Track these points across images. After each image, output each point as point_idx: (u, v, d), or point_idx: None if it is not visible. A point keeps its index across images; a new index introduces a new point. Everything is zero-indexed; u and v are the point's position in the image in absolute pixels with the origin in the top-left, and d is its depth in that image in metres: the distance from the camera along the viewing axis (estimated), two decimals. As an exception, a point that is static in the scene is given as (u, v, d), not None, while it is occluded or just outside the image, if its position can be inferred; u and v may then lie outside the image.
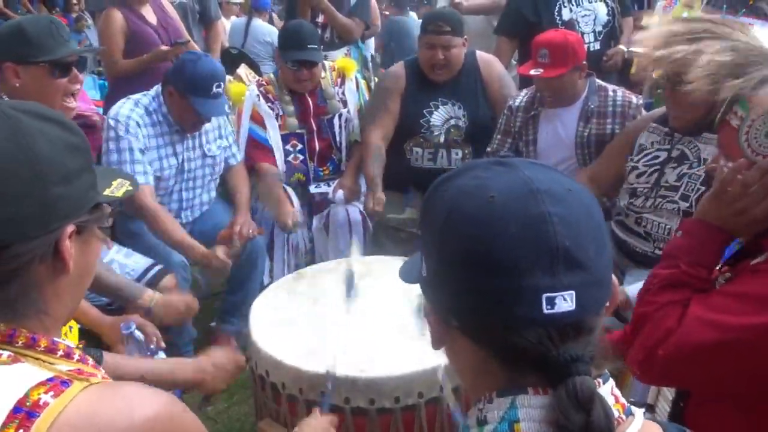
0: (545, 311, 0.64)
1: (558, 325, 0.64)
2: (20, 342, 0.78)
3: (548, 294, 0.64)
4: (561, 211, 0.66)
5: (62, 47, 1.88)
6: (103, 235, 2.57)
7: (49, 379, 0.73)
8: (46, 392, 0.72)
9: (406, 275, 0.81)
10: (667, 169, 2.14)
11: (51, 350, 0.79)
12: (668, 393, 1.35)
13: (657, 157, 2.19)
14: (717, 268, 1.20)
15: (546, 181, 0.68)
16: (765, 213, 1.12)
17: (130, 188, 0.93)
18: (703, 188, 2.01)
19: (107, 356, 1.45)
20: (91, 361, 0.83)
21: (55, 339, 0.80)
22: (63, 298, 0.84)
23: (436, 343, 0.75)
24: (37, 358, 0.77)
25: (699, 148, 2.09)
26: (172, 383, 1.55)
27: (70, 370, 0.77)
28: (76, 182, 0.82)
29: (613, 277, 0.71)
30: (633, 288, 1.72)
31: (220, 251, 2.45)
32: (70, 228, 0.81)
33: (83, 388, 0.74)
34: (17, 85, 1.86)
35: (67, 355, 0.80)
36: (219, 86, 2.46)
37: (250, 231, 2.62)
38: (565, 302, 0.64)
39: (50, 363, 0.77)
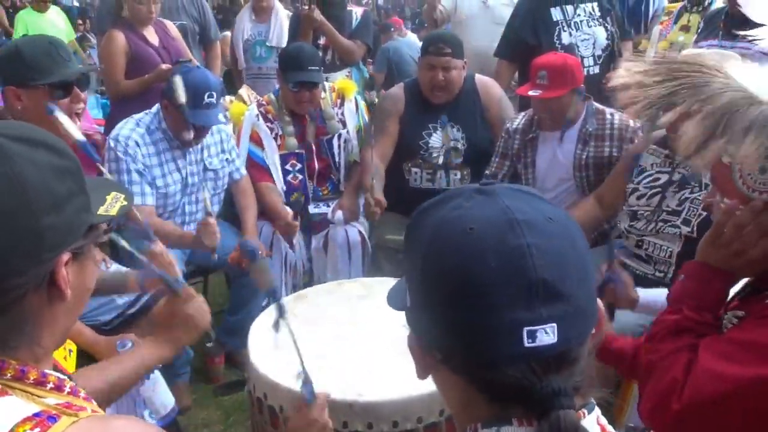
0: (526, 345, 0.63)
1: (540, 358, 0.64)
2: (8, 374, 0.75)
3: (529, 327, 0.63)
4: (540, 242, 0.65)
5: (61, 68, 1.86)
6: (102, 254, 2.54)
7: (36, 414, 0.70)
8: (32, 429, 0.68)
9: (394, 301, 0.81)
10: (669, 193, 2.14)
11: (40, 383, 0.76)
12: None
13: (657, 179, 2.19)
14: (727, 300, 1.19)
15: (526, 211, 0.67)
16: (762, 253, 1.10)
17: (125, 203, 0.90)
18: (705, 213, 2.01)
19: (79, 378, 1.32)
20: (82, 393, 0.80)
21: (46, 371, 0.77)
22: (58, 324, 0.81)
23: (421, 373, 0.75)
24: (25, 391, 0.74)
25: (701, 173, 2.08)
26: (146, 371, 1.38)
27: (59, 404, 0.74)
28: (68, 208, 0.77)
29: (599, 303, 0.72)
30: (645, 293, 1.71)
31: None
32: (66, 256, 0.77)
33: (71, 423, 0.71)
34: (20, 108, 1.86)
35: (58, 388, 0.77)
36: (211, 96, 2.47)
37: (259, 253, 2.61)
38: (547, 335, 0.63)
39: (39, 396, 0.74)
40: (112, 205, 0.88)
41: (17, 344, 0.77)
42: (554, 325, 0.64)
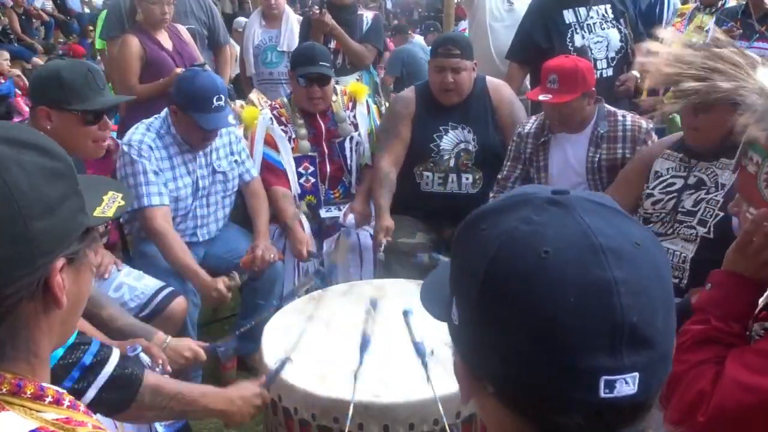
0: (602, 395, 0.56)
1: (615, 409, 0.57)
2: (4, 389, 0.71)
3: (608, 377, 0.56)
4: (628, 276, 0.56)
5: (97, 96, 1.93)
6: (113, 257, 2.56)
7: (33, 431, 0.68)
8: None
9: (432, 309, 0.72)
10: (684, 196, 2.12)
11: (38, 397, 0.72)
12: None
13: (673, 184, 2.17)
14: (756, 312, 1.17)
15: (610, 234, 0.58)
16: None
17: (123, 203, 0.87)
18: (721, 214, 1.99)
19: (148, 374, 1.45)
20: (82, 407, 0.77)
21: (43, 384, 0.74)
22: (55, 332, 0.78)
23: (465, 398, 0.67)
24: (23, 406, 0.71)
25: (717, 174, 2.07)
26: (202, 410, 1.56)
27: (57, 419, 0.71)
28: (61, 211, 0.74)
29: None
30: None
31: (221, 284, 2.44)
32: (60, 261, 0.74)
33: None
34: (48, 127, 1.90)
35: (57, 402, 0.74)
36: (219, 99, 2.48)
37: (271, 256, 2.62)
38: (627, 386, 0.56)
39: (37, 411, 0.71)
40: (108, 205, 0.85)
41: (12, 355, 0.73)
42: (636, 374, 0.56)
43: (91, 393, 1.35)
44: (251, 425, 2.56)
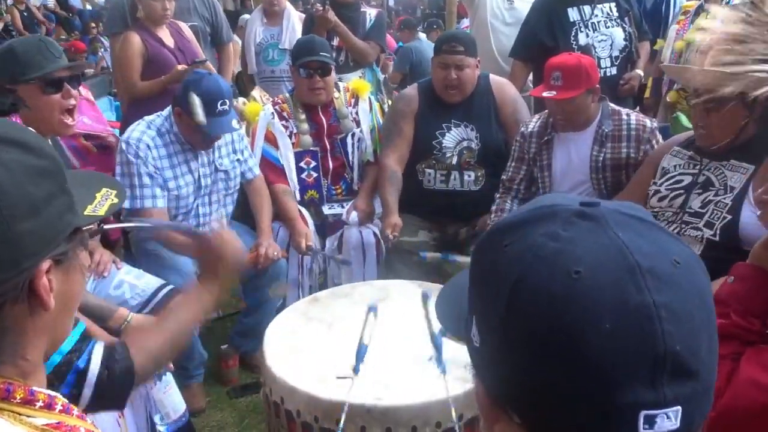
0: (642, 431, 0.51)
1: None
2: None
3: (648, 412, 0.51)
4: (670, 300, 0.51)
5: (51, 63, 1.93)
6: (112, 255, 2.53)
7: None
8: None
9: (448, 323, 0.67)
10: (693, 195, 2.09)
11: (28, 401, 0.70)
12: None
13: (680, 181, 2.15)
14: None
15: (648, 252, 0.53)
16: None
17: (116, 201, 0.83)
18: (729, 217, 1.97)
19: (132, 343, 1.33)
20: (76, 411, 0.74)
21: (34, 389, 0.71)
22: (46, 334, 0.75)
23: (487, 427, 0.61)
24: (12, 412, 0.68)
25: (726, 176, 2.04)
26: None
27: (47, 424, 0.68)
28: (47, 211, 0.71)
29: None
30: None
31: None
32: (47, 263, 0.71)
33: None
34: None
35: (48, 406, 0.71)
36: (224, 104, 2.47)
37: (275, 254, 2.62)
38: (669, 420, 0.51)
39: (27, 416, 0.69)
40: (101, 203, 0.81)
41: (3, 358, 0.71)
42: (679, 408, 0.51)
43: (87, 393, 1.28)
44: (255, 423, 2.56)
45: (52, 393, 0.73)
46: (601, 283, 0.51)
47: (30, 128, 0.79)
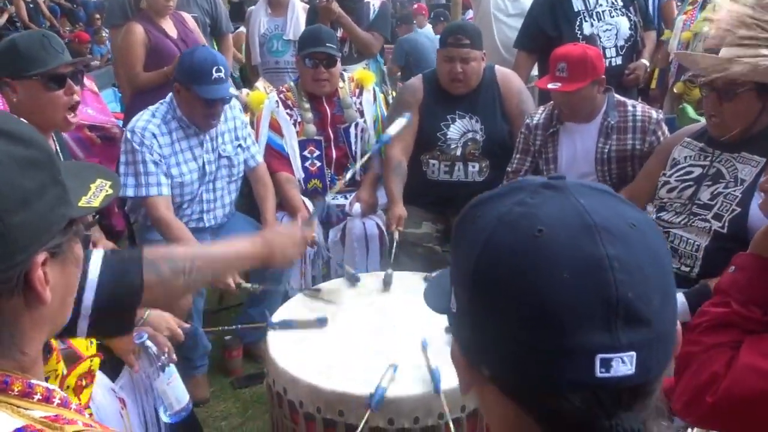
0: (598, 374, 0.54)
1: (612, 390, 0.55)
2: None
3: (603, 355, 0.54)
4: (622, 253, 0.56)
5: (54, 59, 1.91)
6: (112, 245, 2.52)
7: (18, 430, 0.64)
8: None
9: (432, 301, 0.73)
10: (702, 187, 2.08)
11: (26, 394, 0.69)
12: None
13: (690, 172, 2.13)
14: None
15: (605, 214, 0.58)
16: None
17: (110, 191, 0.81)
18: (738, 209, 1.95)
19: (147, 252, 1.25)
20: (74, 405, 0.73)
21: (32, 381, 0.71)
22: (43, 327, 0.75)
23: (464, 388, 0.66)
24: (9, 404, 0.67)
25: (737, 168, 2.02)
26: (235, 258, 1.43)
27: (45, 417, 0.68)
28: (38, 203, 0.69)
29: (678, 326, 0.62)
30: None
31: (230, 278, 2.44)
32: (42, 256, 0.70)
33: None
34: (15, 100, 1.91)
35: (46, 399, 0.70)
36: (219, 71, 2.48)
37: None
38: (624, 365, 0.55)
39: (25, 408, 0.68)
40: (95, 194, 0.80)
41: (1, 351, 0.70)
42: (633, 353, 0.55)
43: (89, 297, 1.14)
44: (259, 414, 2.57)
45: (51, 386, 0.73)
46: (560, 238, 0.56)
47: (21, 119, 0.78)
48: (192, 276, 1.27)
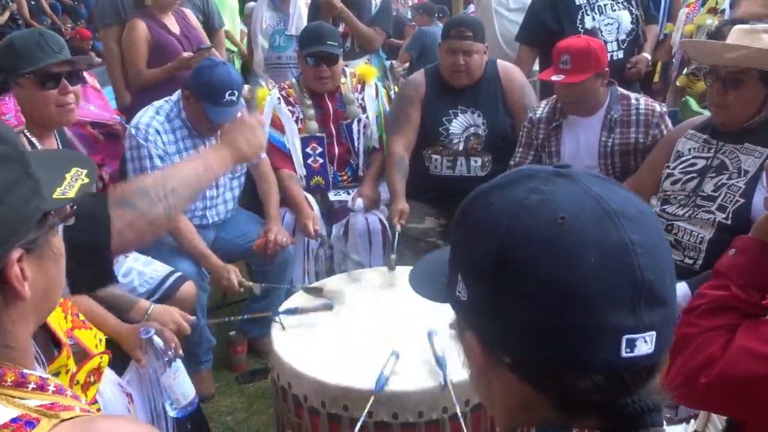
0: (624, 355, 0.57)
1: (633, 369, 0.58)
2: None
3: (629, 336, 0.57)
4: (641, 238, 0.58)
5: (49, 57, 1.90)
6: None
7: (14, 420, 0.64)
8: None
9: (425, 290, 0.73)
10: (706, 179, 2.07)
11: (20, 384, 0.69)
12: (717, 420, 1.30)
13: (694, 164, 2.12)
14: None
15: (619, 201, 0.60)
16: None
17: (87, 180, 0.78)
18: (742, 200, 1.95)
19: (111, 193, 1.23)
20: (69, 392, 0.73)
21: (25, 371, 0.70)
22: (28, 321, 0.74)
23: (477, 376, 0.67)
24: (4, 395, 0.67)
25: (740, 159, 2.02)
26: (213, 173, 1.42)
27: (41, 405, 0.67)
28: (10, 198, 0.68)
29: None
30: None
31: (233, 275, 2.46)
32: (17, 252, 0.68)
33: (52, 426, 0.64)
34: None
35: (41, 388, 0.70)
36: (232, 95, 2.48)
37: (284, 240, 2.63)
38: (646, 344, 0.58)
39: (19, 398, 0.68)
40: (71, 184, 0.77)
41: None
42: (654, 333, 0.58)
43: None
44: (264, 409, 2.59)
45: (44, 375, 0.72)
46: (584, 225, 0.58)
47: None
48: (169, 200, 1.26)
